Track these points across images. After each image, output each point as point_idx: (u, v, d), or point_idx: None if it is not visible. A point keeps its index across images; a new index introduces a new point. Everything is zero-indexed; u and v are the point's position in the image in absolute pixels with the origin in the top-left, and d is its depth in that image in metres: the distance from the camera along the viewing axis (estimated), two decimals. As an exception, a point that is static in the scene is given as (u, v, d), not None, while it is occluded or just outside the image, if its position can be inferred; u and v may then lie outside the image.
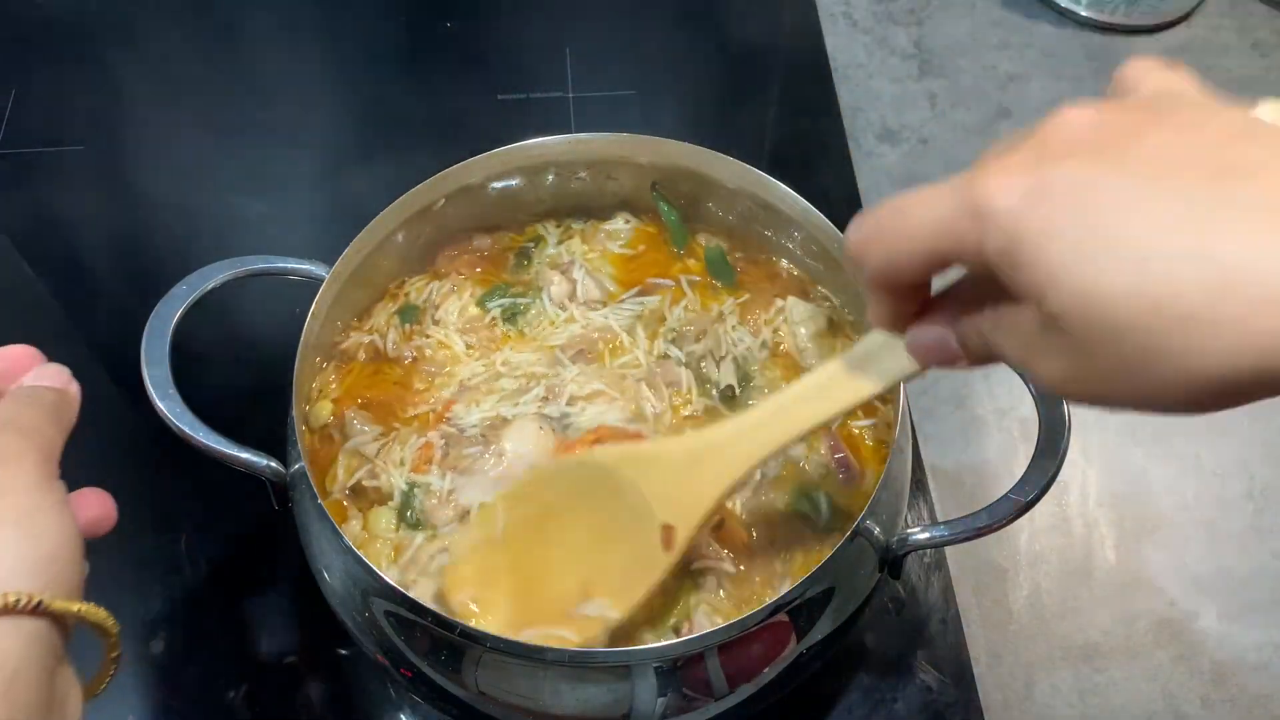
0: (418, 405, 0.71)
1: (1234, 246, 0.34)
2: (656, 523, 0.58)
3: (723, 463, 0.56)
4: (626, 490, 0.59)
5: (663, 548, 0.58)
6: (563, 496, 0.61)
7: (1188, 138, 0.36)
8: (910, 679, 0.76)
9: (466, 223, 0.78)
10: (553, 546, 0.61)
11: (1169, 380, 0.36)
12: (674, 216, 0.79)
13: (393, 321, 0.75)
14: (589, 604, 0.59)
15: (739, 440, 0.56)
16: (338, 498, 0.68)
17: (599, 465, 0.60)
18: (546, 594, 0.60)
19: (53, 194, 1.01)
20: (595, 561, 0.60)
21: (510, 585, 0.61)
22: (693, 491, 0.57)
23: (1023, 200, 0.37)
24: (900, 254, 0.42)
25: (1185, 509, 0.85)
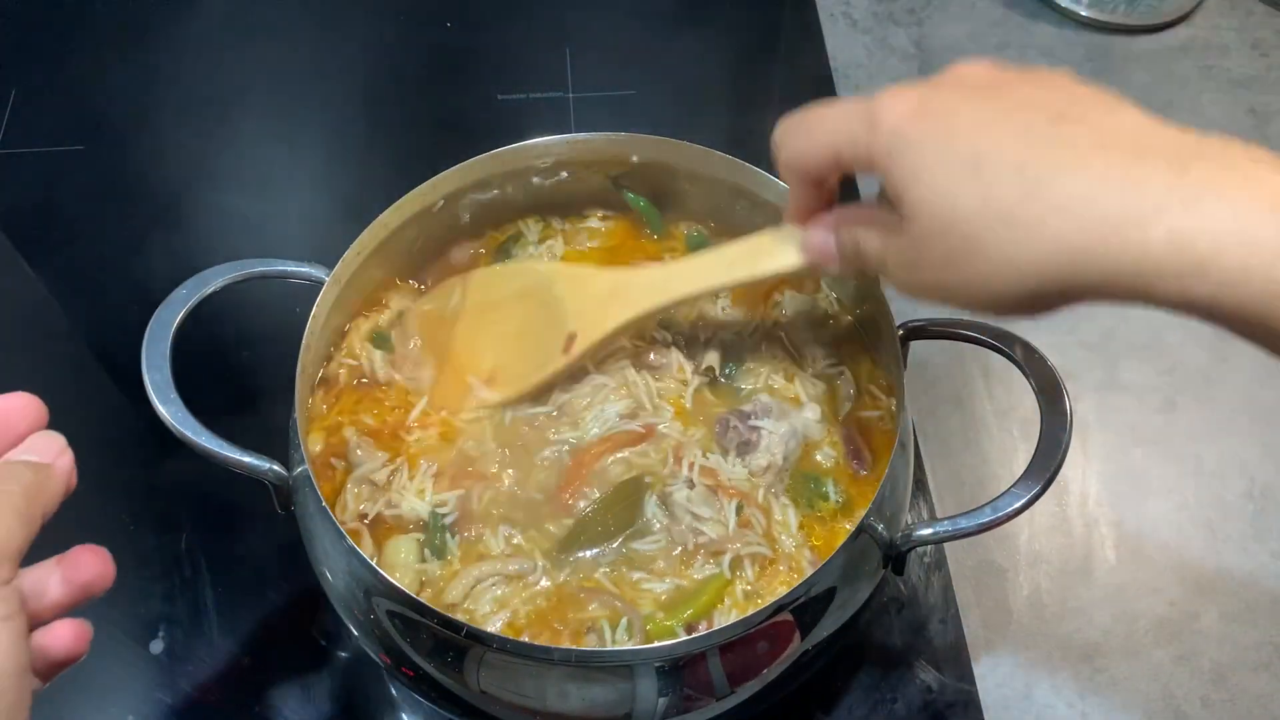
0: (425, 427, 0.70)
1: (1050, 167, 0.43)
2: (566, 331, 0.69)
3: (632, 298, 0.67)
4: (555, 302, 0.70)
5: (562, 351, 0.69)
6: (508, 294, 0.73)
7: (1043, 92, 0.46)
8: (910, 679, 0.76)
9: (452, 227, 0.78)
10: (487, 331, 0.73)
11: (987, 272, 0.44)
12: (641, 203, 0.79)
13: (366, 349, 0.73)
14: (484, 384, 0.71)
15: (650, 285, 0.67)
16: (352, 526, 0.66)
17: (545, 275, 0.72)
18: (462, 366, 0.72)
19: (53, 194, 1.01)
20: (512, 350, 0.71)
21: (439, 351, 0.73)
22: (602, 314, 0.68)
23: (907, 115, 0.47)
24: (809, 147, 0.52)
25: (1185, 509, 0.85)
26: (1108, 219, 0.41)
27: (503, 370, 0.71)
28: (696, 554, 0.65)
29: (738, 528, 0.65)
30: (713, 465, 0.68)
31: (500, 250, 0.79)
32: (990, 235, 0.43)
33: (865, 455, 0.70)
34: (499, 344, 0.72)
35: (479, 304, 0.74)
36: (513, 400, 0.70)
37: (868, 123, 0.48)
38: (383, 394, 0.72)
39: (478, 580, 0.63)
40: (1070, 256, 0.42)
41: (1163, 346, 0.93)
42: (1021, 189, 0.43)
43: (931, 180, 0.45)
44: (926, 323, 0.68)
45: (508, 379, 0.70)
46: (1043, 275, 0.43)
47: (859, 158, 0.49)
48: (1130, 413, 0.90)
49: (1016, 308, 0.45)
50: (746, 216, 0.77)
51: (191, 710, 0.74)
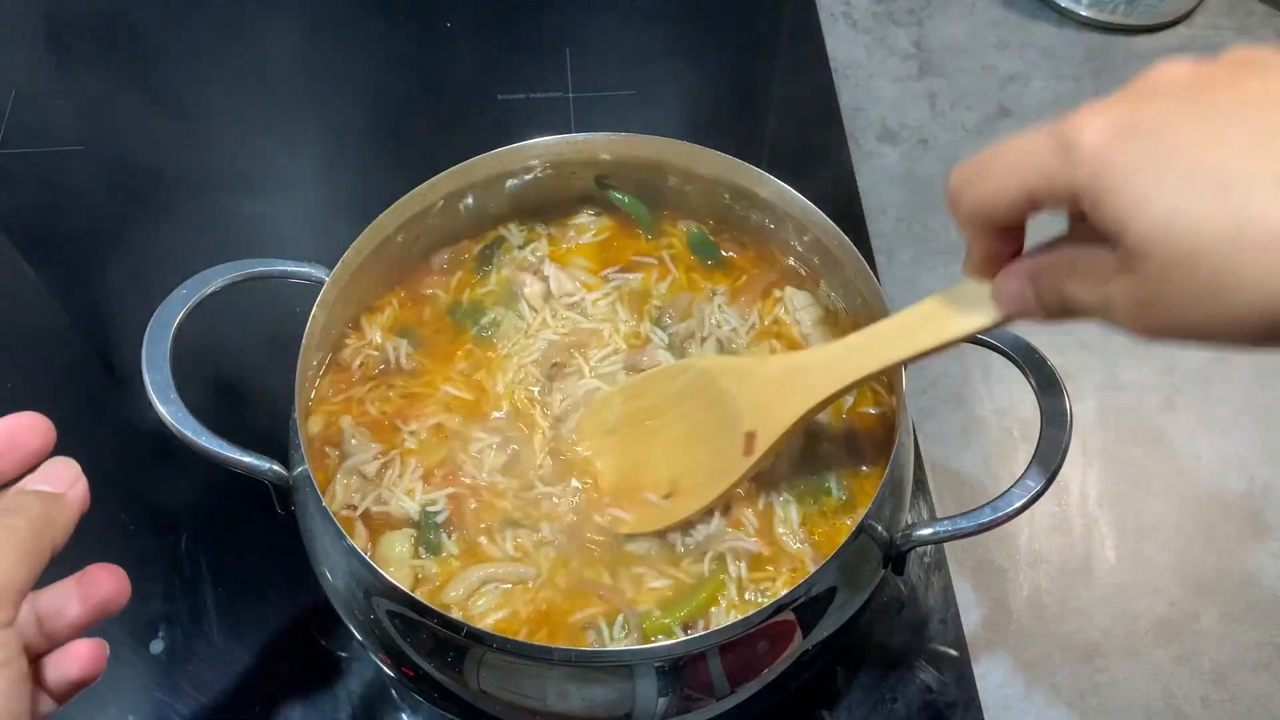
0: (422, 419, 0.70)
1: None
2: (742, 430, 0.63)
3: (810, 383, 0.61)
4: (723, 398, 0.65)
5: (743, 453, 0.63)
6: (670, 396, 0.68)
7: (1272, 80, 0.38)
8: (910, 679, 0.76)
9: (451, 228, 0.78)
10: (654, 440, 0.68)
11: (1242, 308, 0.37)
12: (626, 200, 0.79)
13: (390, 338, 0.74)
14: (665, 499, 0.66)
15: (827, 366, 0.60)
16: (344, 515, 0.67)
17: (705, 371, 0.67)
18: (641, 479, 0.67)
19: (53, 194, 1.01)
20: (686, 458, 0.66)
21: (614, 466, 0.68)
22: (780, 405, 0.62)
23: (1110, 136, 0.39)
24: (992, 193, 0.44)
25: (1185, 509, 0.85)
26: None
27: (681, 480, 0.66)
28: (687, 554, 0.65)
29: (726, 527, 0.66)
30: None
31: (481, 256, 0.78)
32: (1247, 267, 0.36)
33: (865, 451, 0.70)
34: (670, 451, 0.67)
35: (636, 412, 0.69)
36: (697, 515, 0.66)
37: (1062, 152, 0.41)
38: (401, 382, 0.72)
39: (482, 582, 0.64)
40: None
41: (1163, 346, 0.93)
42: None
43: (1163, 207, 0.38)
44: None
45: (687, 490, 0.66)
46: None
47: (1057, 195, 0.42)
48: (1130, 413, 0.90)
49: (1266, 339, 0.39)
50: (746, 215, 0.77)
51: (191, 710, 0.74)
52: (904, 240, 1.00)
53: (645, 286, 0.77)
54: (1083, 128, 0.40)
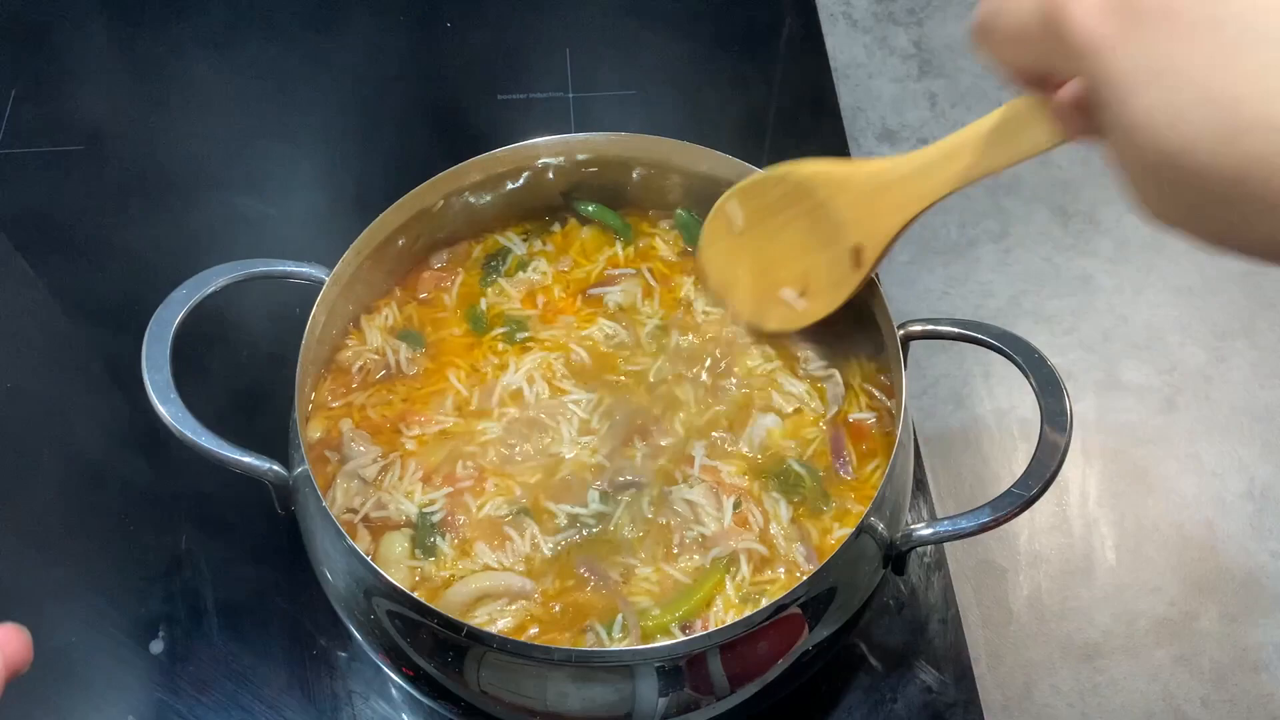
0: (424, 424, 0.70)
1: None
2: (848, 243, 0.65)
3: (903, 196, 0.61)
4: (823, 208, 0.66)
5: (853, 266, 0.66)
6: (777, 201, 0.69)
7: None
8: (910, 679, 0.76)
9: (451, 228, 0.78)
10: (775, 242, 0.70)
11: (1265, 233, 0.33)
12: (591, 209, 0.79)
13: (390, 341, 0.74)
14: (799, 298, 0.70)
15: (917, 178, 0.60)
16: (344, 519, 0.67)
17: (803, 181, 0.67)
18: (774, 278, 0.71)
19: (53, 194, 1.01)
20: (807, 261, 0.69)
21: (748, 266, 0.72)
22: (878, 220, 0.63)
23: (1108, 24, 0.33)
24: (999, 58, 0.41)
25: (1185, 509, 0.85)
26: None
27: (811, 280, 0.69)
28: (689, 549, 0.65)
29: (734, 525, 0.65)
30: (714, 464, 0.68)
31: (486, 266, 0.78)
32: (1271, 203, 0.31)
33: (849, 457, 0.69)
34: (794, 251, 0.69)
35: (755, 211, 0.71)
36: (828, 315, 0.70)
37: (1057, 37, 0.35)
38: (401, 387, 0.72)
39: (477, 599, 0.63)
40: None
41: (1163, 346, 0.93)
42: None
43: (1171, 139, 0.32)
44: (927, 323, 0.68)
45: (818, 290, 0.69)
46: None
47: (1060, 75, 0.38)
48: (1130, 413, 0.90)
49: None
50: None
51: (191, 710, 0.74)
52: (904, 240, 0.99)
53: (631, 303, 0.77)
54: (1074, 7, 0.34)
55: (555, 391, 0.71)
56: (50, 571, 0.80)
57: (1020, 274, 0.97)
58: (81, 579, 0.79)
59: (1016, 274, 0.97)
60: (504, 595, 0.63)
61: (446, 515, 0.66)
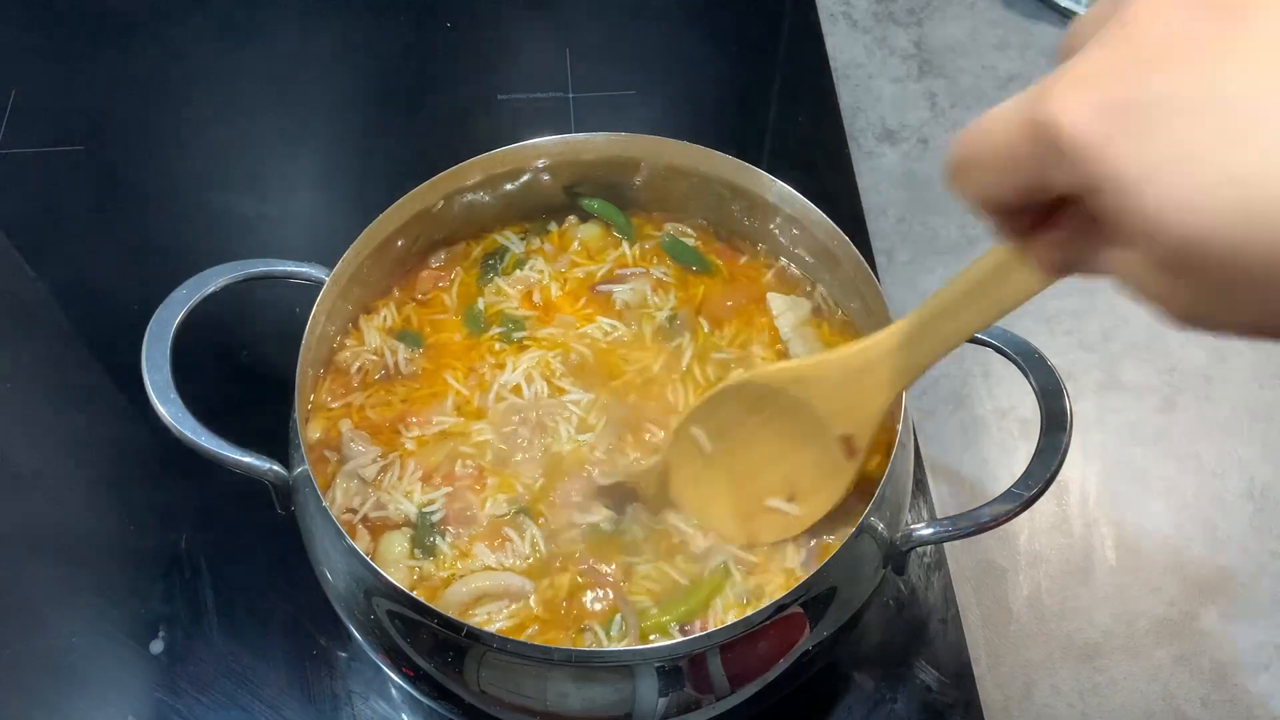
0: (423, 425, 0.70)
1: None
2: (833, 435, 0.61)
3: (885, 375, 0.58)
4: (798, 406, 0.61)
5: (845, 455, 0.61)
6: (742, 410, 0.64)
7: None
8: (910, 679, 0.76)
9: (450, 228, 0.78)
10: (750, 451, 0.65)
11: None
12: (597, 206, 0.79)
13: (389, 342, 0.74)
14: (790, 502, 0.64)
15: (899, 352, 0.57)
16: (344, 519, 0.67)
17: (765, 387, 0.62)
18: (756, 489, 0.65)
19: (53, 194, 1.01)
20: (790, 462, 0.63)
21: (723, 484, 0.66)
22: (861, 403, 0.59)
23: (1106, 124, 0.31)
24: (987, 188, 0.37)
25: (1185, 509, 0.85)
26: None
27: (798, 482, 0.64)
28: (687, 548, 0.66)
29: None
30: None
31: (484, 265, 0.78)
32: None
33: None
34: (774, 457, 0.64)
35: (720, 427, 0.65)
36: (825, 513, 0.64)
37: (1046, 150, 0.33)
38: (400, 387, 0.72)
39: (475, 599, 0.63)
40: None
41: (1163, 346, 0.93)
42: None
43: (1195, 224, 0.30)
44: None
45: (809, 491, 0.64)
46: None
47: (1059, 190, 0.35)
48: (1130, 413, 0.90)
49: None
50: (743, 215, 0.77)
51: (191, 710, 0.74)
52: (904, 240, 1.00)
53: (640, 300, 0.76)
54: (1065, 113, 0.32)
55: (555, 391, 0.71)
56: (50, 571, 0.80)
57: (1020, 274, 0.97)
58: (81, 579, 0.79)
59: (1016, 274, 0.97)
60: (503, 596, 0.63)
61: (446, 515, 0.66)
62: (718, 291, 0.77)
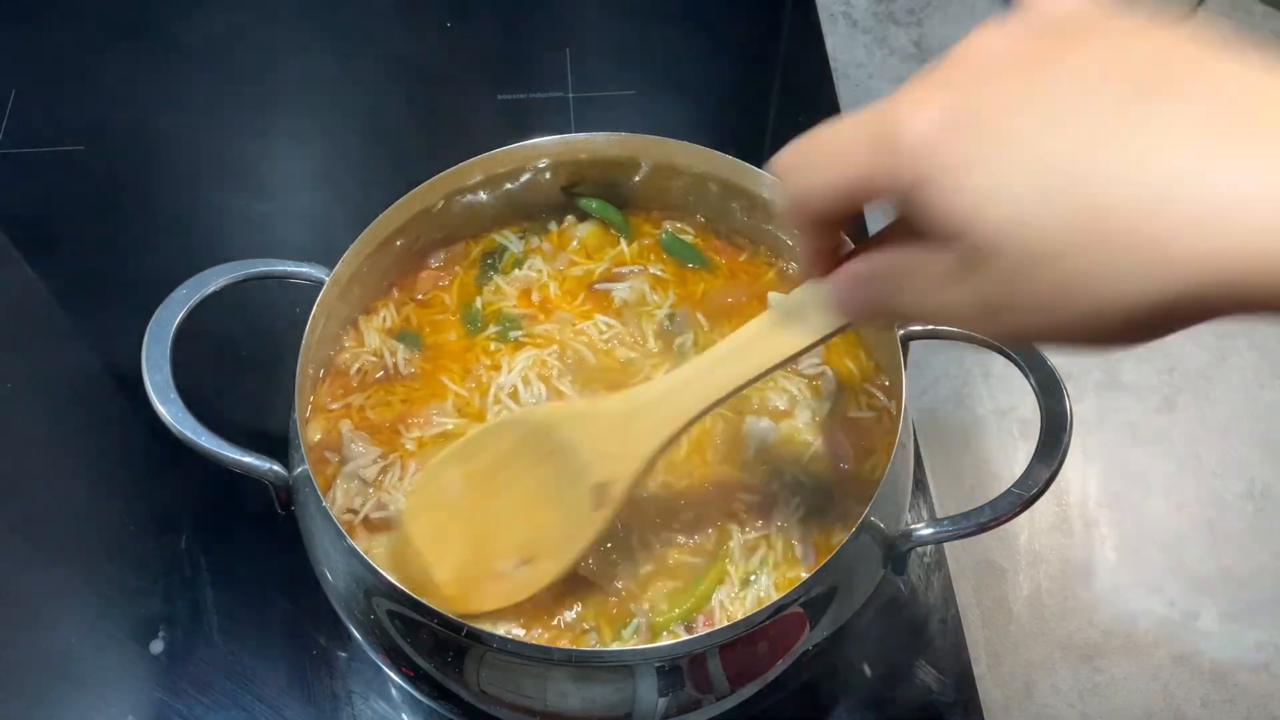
0: (423, 426, 0.70)
1: (1164, 165, 0.32)
2: (590, 482, 0.58)
3: (656, 419, 0.56)
4: (563, 449, 0.59)
5: (593, 507, 0.58)
6: (506, 454, 0.61)
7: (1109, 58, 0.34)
8: (910, 679, 0.76)
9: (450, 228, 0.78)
10: (498, 503, 0.62)
11: (1101, 305, 0.35)
12: (594, 205, 0.79)
13: (388, 343, 0.74)
14: (522, 565, 0.61)
15: (669, 398, 0.56)
16: (344, 518, 0.66)
17: (539, 424, 0.60)
18: (490, 549, 0.62)
19: (53, 194, 1.01)
20: (535, 520, 0.61)
21: (459, 539, 0.62)
22: (627, 449, 0.57)
23: (939, 129, 0.35)
24: (810, 189, 0.41)
25: (1185, 509, 0.85)
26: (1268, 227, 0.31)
27: (536, 544, 0.61)
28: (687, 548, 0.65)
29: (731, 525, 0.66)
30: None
31: (482, 265, 0.78)
32: (1105, 264, 0.33)
33: (847, 452, 0.70)
34: (517, 515, 0.61)
35: (475, 474, 0.62)
36: (552, 583, 0.61)
37: (882, 150, 0.37)
38: (400, 388, 0.72)
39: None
40: (1216, 276, 0.32)
41: (1163, 346, 0.93)
42: (1138, 201, 0.32)
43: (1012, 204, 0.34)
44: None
45: (547, 552, 0.61)
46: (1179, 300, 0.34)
47: (878, 194, 0.38)
48: (1130, 413, 0.90)
49: (1128, 338, 0.36)
50: (743, 215, 0.77)
51: (191, 710, 0.74)
52: (904, 240, 1.00)
53: (638, 299, 0.76)
54: (904, 120, 0.36)
55: (553, 391, 0.71)
56: (50, 571, 0.80)
57: (1020, 274, 0.97)
58: (81, 579, 0.79)
59: (1016, 274, 0.97)
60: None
61: None
62: (718, 289, 0.77)
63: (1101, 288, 0.34)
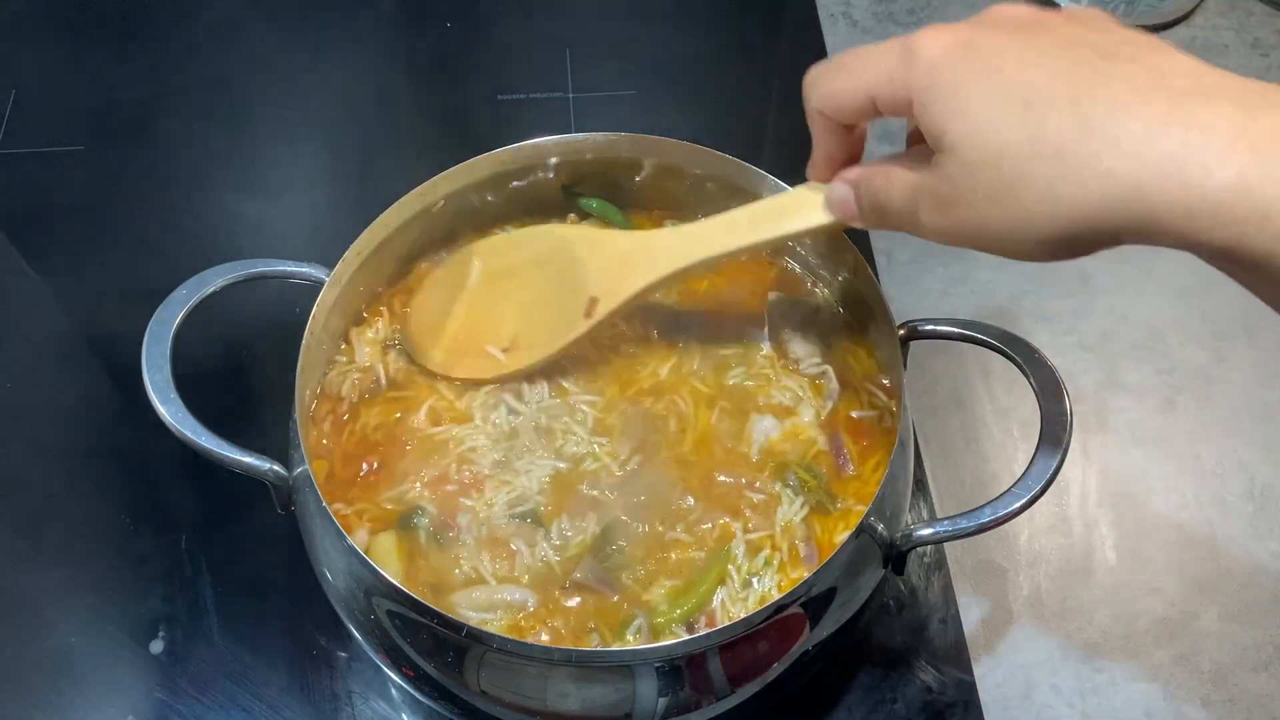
0: (422, 428, 0.70)
1: (1106, 103, 0.42)
2: (587, 295, 0.67)
3: (655, 259, 0.66)
4: (574, 265, 0.69)
5: (584, 315, 0.67)
6: (526, 260, 0.71)
7: (1091, 32, 0.45)
8: (910, 679, 0.76)
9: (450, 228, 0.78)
10: (506, 299, 0.72)
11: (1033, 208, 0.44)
12: (594, 205, 0.79)
13: (378, 352, 0.74)
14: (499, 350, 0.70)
15: (672, 246, 0.65)
16: (345, 514, 0.67)
17: (563, 238, 0.71)
18: (484, 332, 0.71)
19: (53, 194, 1.01)
20: (531, 318, 0.70)
21: (464, 317, 0.72)
22: (623, 276, 0.66)
23: (948, 51, 0.46)
24: (843, 87, 0.51)
25: (1185, 509, 0.85)
26: (1170, 158, 0.40)
27: (523, 337, 0.70)
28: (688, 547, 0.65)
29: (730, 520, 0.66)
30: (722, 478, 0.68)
31: None
32: (1040, 170, 0.43)
33: (848, 453, 0.70)
34: (518, 312, 0.71)
35: (494, 272, 0.72)
36: (531, 367, 0.70)
37: (905, 58, 0.47)
38: (400, 389, 0.72)
39: (468, 609, 0.63)
40: (1124, 194, 0.41)
41: (1163, 346, 0.93)
42: (1076, 125, 0.42)
43: (978, 114, 0.44)
44: (927, 323, 0.68)
45: (528, 346, 0.70)
46: (1092, 213, 0.42)
47: (896, 97, 0.48)
48: (1130, 413, 0.90)
49: (1055, 248, 0.45)
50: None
51: (191, 710, 0.74)
52: (904, 240, 1.00)
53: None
54: (926, 41, 0.46)
55: (556, 388, 0.71)
56: (50, 571, 0.80)
57: (1020, 274, 0.97)
58: (81, 579, 0.79)
59: (1016, 274, 0.97)
60: (501, 608, 0.63)
61: (445, 519, 0.66)
62: (720, 286, 0.77)
63: (1032, 191, 0.43)
